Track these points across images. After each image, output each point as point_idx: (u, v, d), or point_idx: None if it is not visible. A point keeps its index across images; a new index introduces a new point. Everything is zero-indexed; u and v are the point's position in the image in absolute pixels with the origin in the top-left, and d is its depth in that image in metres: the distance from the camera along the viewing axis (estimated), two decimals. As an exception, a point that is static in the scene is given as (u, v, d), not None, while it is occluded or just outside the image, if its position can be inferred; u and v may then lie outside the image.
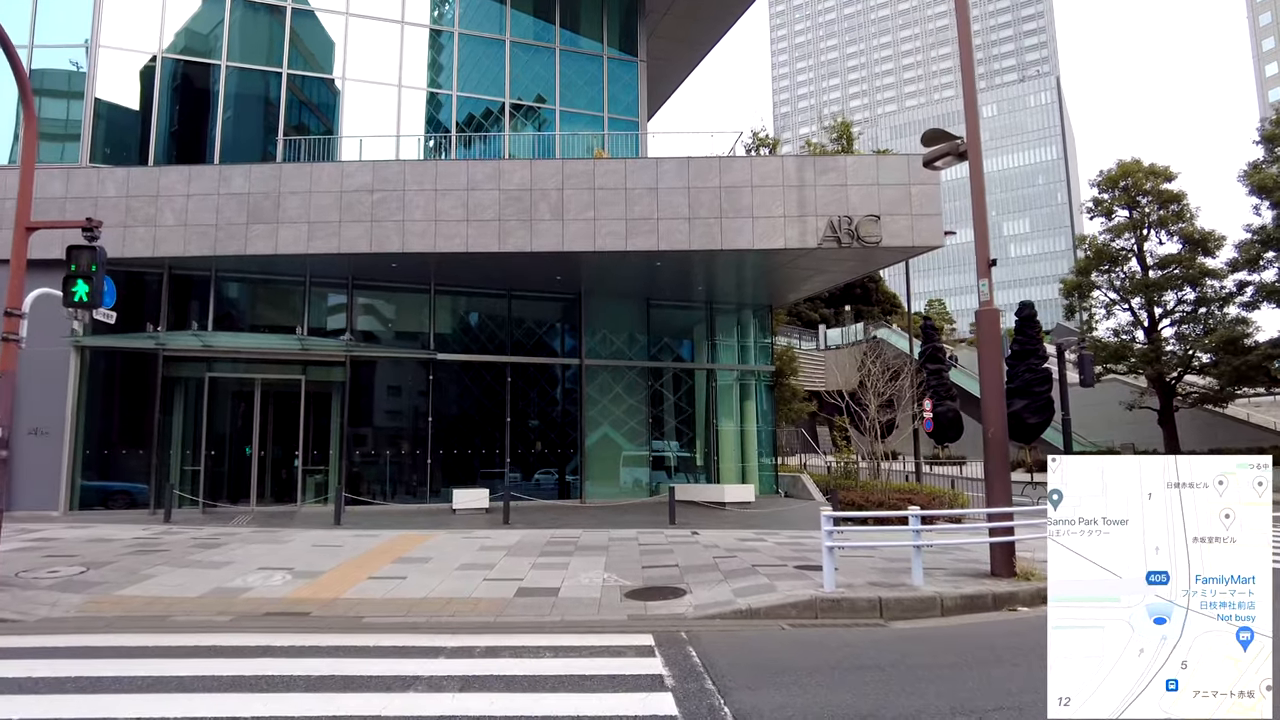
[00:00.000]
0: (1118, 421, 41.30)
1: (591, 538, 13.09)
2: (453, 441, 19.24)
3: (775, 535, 13.61)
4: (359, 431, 18.70)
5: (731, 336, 22.43)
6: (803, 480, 21.53)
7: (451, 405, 19.62)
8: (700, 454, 21.85)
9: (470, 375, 19.62)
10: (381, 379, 19.41)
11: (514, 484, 19.16)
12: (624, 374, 20.76)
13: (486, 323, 20.27)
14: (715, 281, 19.46)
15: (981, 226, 9.92)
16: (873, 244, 15.79)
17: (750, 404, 22.09)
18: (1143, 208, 34.00)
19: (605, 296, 20.38)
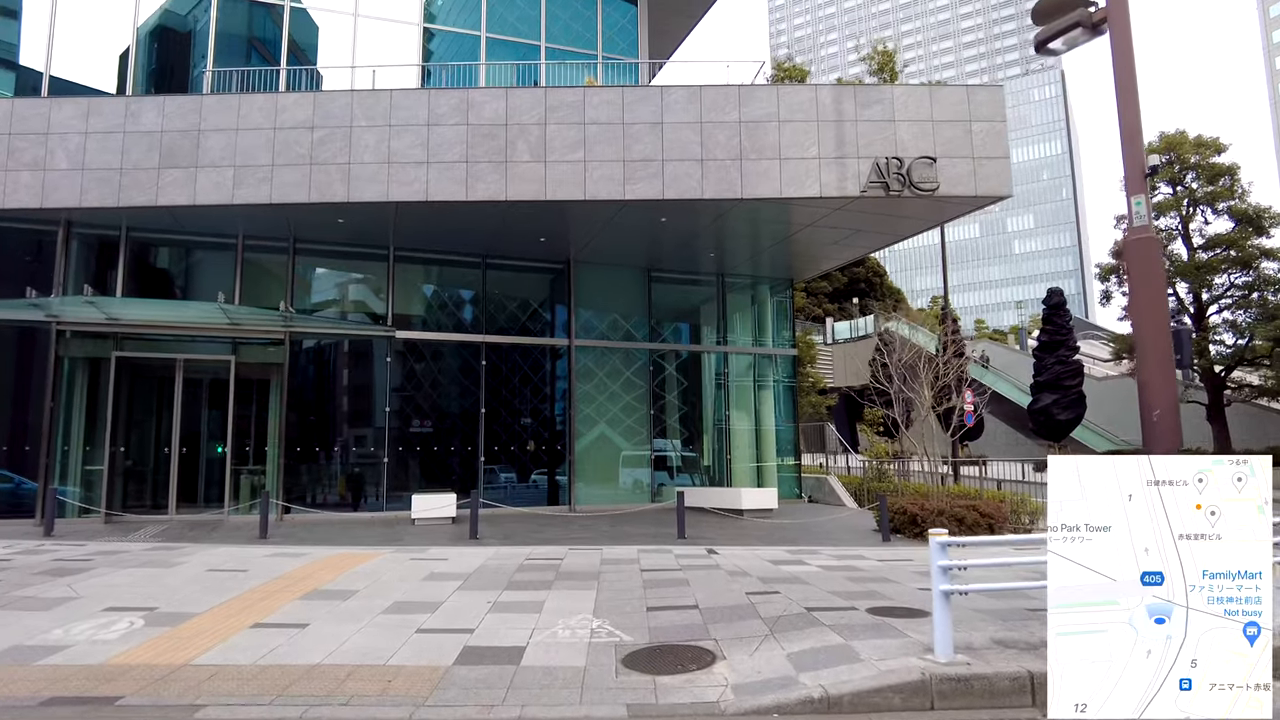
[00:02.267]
0: (1151, 418, 38.32)
1: (579, 560, 10.10)
2: (416, 437, 16.23)
3: (816, 554, 10.65)
4: (302, 424, 15.65)
5: (747, 316, 19.47)
6: (829, 483, 18.56)
7: (415, 394, 16.60)
8: (709, 452, 18.87)
9: (438, 358, 16.63)
10: (330, 362, 16.42)
11: (491, 488, 16.17)
12: (621, 358, 17.76)
13: (458, 297, 17.29)
14: (730, 246, 16.48)
15: (1132, 119, 6.96)
16: (928, 191, 12.83)
17: (767, 394, 19.11)
18: (1188, 183, 31.06)
19: (599, 266, 17.40)
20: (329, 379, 16.55)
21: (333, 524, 13.93)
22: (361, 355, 16.48)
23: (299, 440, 15.47)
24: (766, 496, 15.37)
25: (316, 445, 15.79)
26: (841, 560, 10.12)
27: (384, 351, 15.89)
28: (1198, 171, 30.91)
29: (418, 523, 13.85)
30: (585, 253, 16.65)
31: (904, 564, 9.84)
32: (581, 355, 17.26)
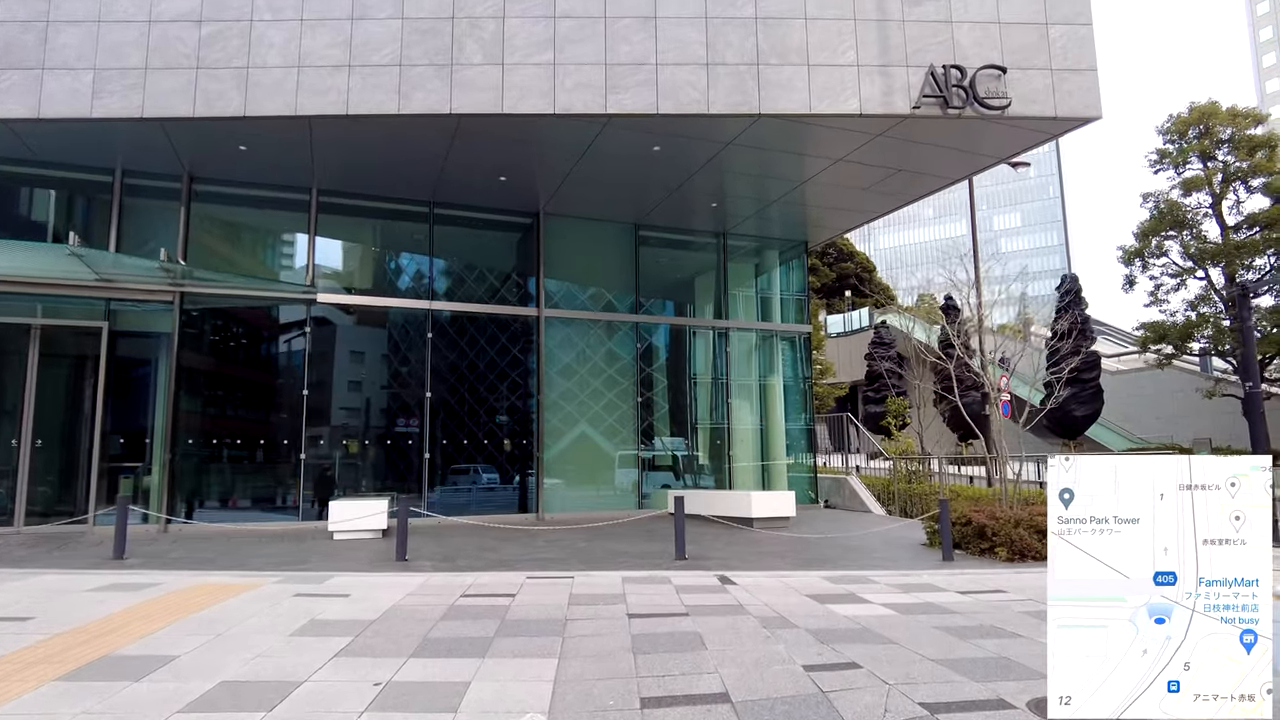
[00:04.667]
0: (1170, 414, 36.15)
1: (539, 596, 7.11)
2: (345, 428, 13.14)
3: (868, 583, 7.80)
4: (196, 411, 12.49)
5: (752, 286, 16.52)
6: (850, 485, 15.66)
7: (343, 373, 13.54)
8: (708, 449, 15.90)
9: (372, 330, 13.59)
10: (233, 331, 13.28)
11: (442, 491, 13.12)
12: (602, 334, 14.81)
13: (398, 254, 14.25)
14: (736, 192, 13.60)
15: None
16: (998, 109, 10.00)
17: (776, 380, 16.19)
18: (1221, 158, 28.56)
19: (576, 220, 14.45)
20: (233, 355, 13.42)
21: (227, 539, 10.84)
22: (275, 325, 13.38)
23: (193, 432, 12.37)
24: (783, 502, 12.44)
25: (215, 438, 12.68)
26: (910, 594, 7.19)
27: (303, 320, 12.76)
28: (1232, 145, 28.36)
29: (337, 537, 10.80)
30: (558, 201, 13.65)
31: (998, 598, 7.02)
32: (553, 330, 14.26)
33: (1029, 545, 9.37)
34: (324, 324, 13.33)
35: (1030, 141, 11.16)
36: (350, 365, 13.74)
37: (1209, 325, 28.14)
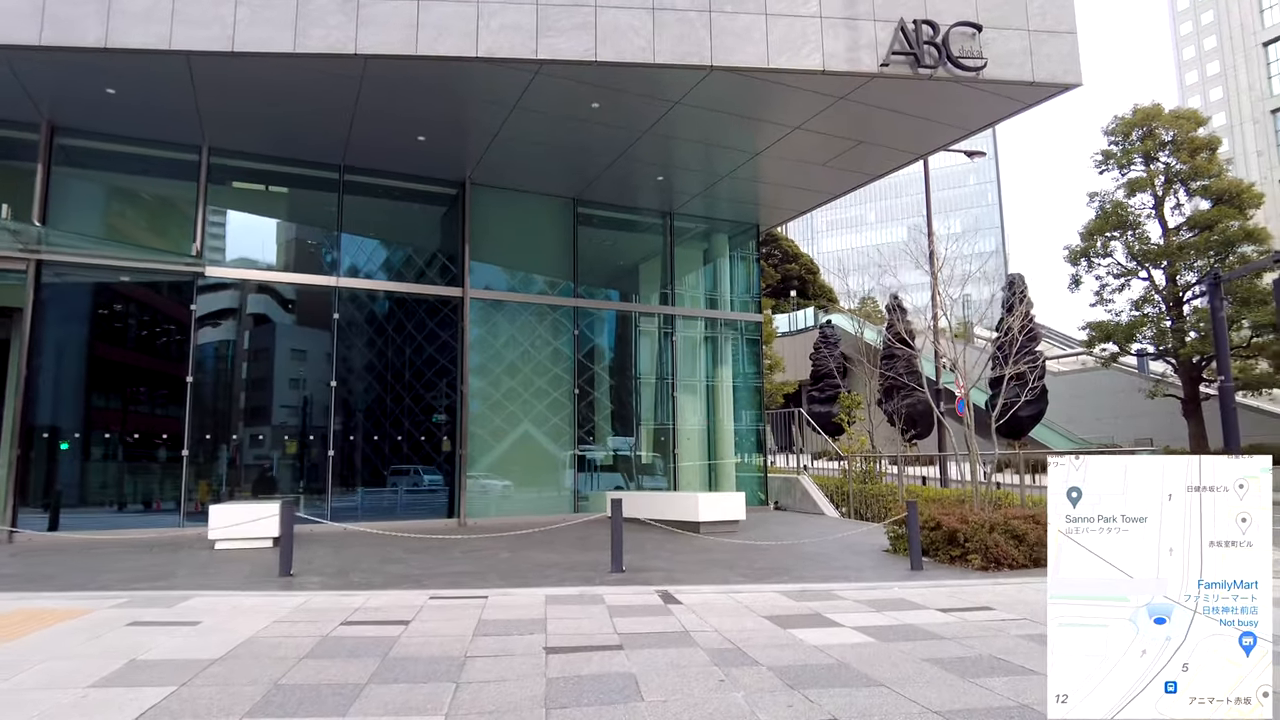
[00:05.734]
0: (1110, 414, 36.53)
1: (438, 623, 5.85)
2: (238, 421, 11.55)
3: (834, 600, 6.75)
4: (57, 399, 10.77)
5: (699, 271, 15.38)
6: (802, 485, 14.68)
7: (234, 358, 11.94)
8: (651, 447, 14.73)
9: (272, 309, 11.98)
10: (108, 309, 11.58)
11: (353, 493, 11.66)
12: (534, 319, 13.52)
13: (302, 223, 12.64)
14: (685, 163, 12.47)
15: None
16: (972, 70, 9.07)
17: (726, 372, 15.08)
18: (1163, 159, 28.70)
19: (507, 193, 13.13)
20: (106, 336, 11.70)
21: (86, 550, 9.24)
22: (153, 301, 11.69)
23: (53, 422, 10.61)
24: (732, 504, 11.35)
25: (82, 431, 10.94)
26: (885, 613, 6.13)
27: (188, 296, 11.13)
28: (1174, 146, 28.53)
29: (220, 546, 9.29)
30: (486, 168, 12.31)
31: (987, 618, 6.08)
32: (480, 314, 12.92)
33: (1005, 552, 8.45)
34: (216, 302, 11.73)
35: (1004, 111, 10.29)
36: (246, 350, 12.17)
37: (1151, 325, 28.24)
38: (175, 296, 11.27)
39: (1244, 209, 27.56)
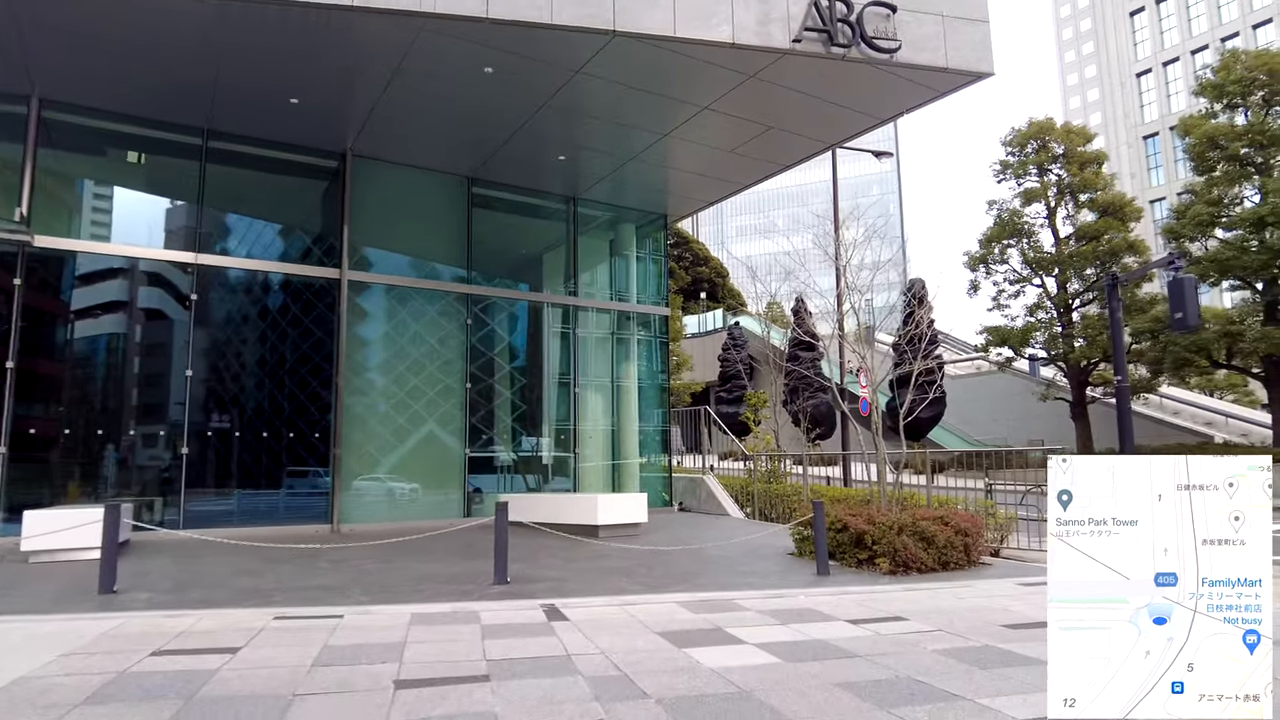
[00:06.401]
0: (1004, 416, 37.89)
1: (274, 650, 5.00)
2: (73, 412, 10.13)
3: (737, 611, 6.20)
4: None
5: (605, 261, 14.68)
6: (707, 485, 14.18)
7: (80, 341, 10.49)
8: (550, 446, 13.93)
9: (117, 289, 10.60)
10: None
11: (212, 497, 10.41)
12: (422, 306, 12.53)
13: (157, 191, 11.27)
14: (588, 142, 11.74)
15: None
16: (886, 52, 8.72)
17: (631, 368, 14.43)
18: (1056, 172, 29.90)
19: (393, 167, 12.14)
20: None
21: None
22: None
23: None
24: (633, 506, 10.69)
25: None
26: (791, 626, 5.57)
27: (11, 268, 9.62)
28: (1065, 159, 29.75)
29: (36, 559, 7.96)
30: (371, 139, 11.26)
31: (901, 630, 5.63)
32: (361, 299, 11.82)
33: (914, 555, 8.09)
34: (49, 278, 10.23)
35: (916, 99, 10.01)
36: (87, 331, 10.69)
37: (1044, 330, 29.31)
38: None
39: (1126, 221, 28.97)
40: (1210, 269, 23.26)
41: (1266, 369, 23.90)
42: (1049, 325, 29.24)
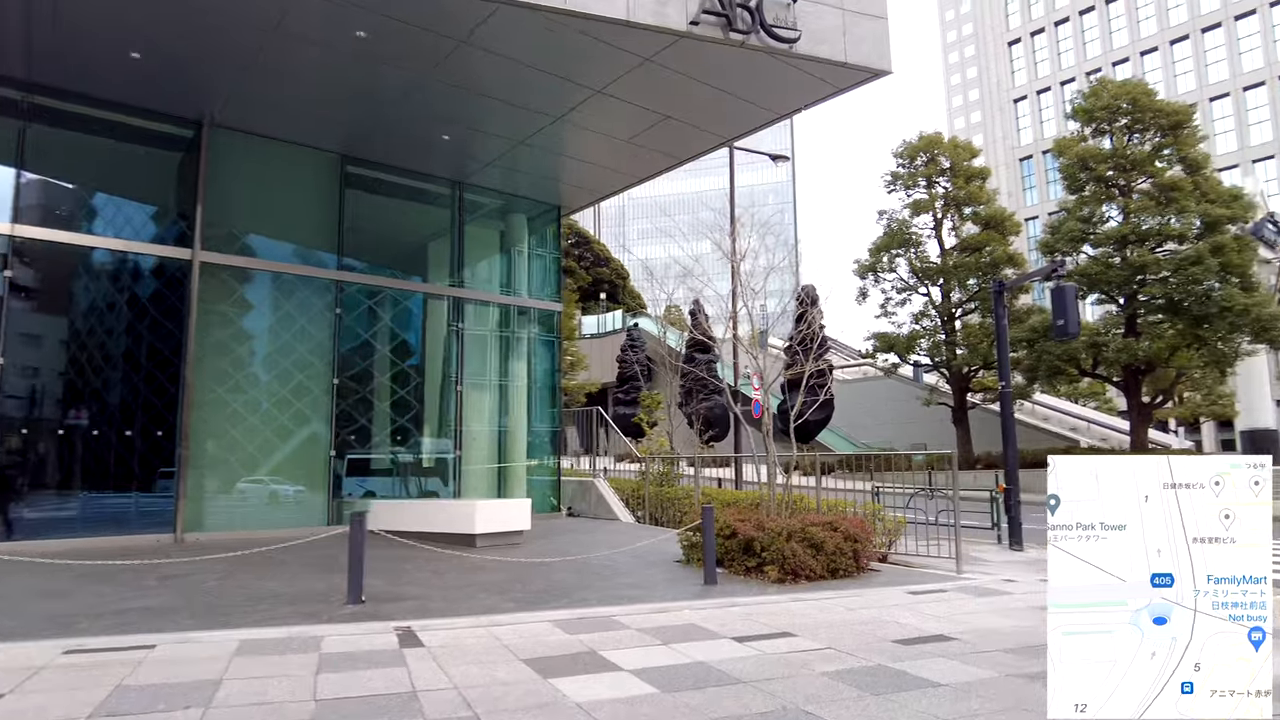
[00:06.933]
0: (889, 420, 39.19)
1: (44, 698, 4.30)
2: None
3: (615, 630, 5.76)
4: None
5: (495, 253, 13.93)
6: (597, 489, 13.68)
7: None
8: (432, 448, 13.06)
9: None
10: None
11: (34, 503, 9.12)
12: (287, 294, 11.46)
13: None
14: (474, 122, 11.01)
15: None
16: (785, 41, 8.47)
17: (521, 366, 13.74)
18: (943, 185, 31.04)
19: (259, 141, 11.07)
20: None
21: None
22: None
23: None
24: (515, 513, 10.03)
25: None
26: (673, 647, 5.11)
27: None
28: (952, 173, 30.92)
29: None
30: (234, 108, 10.18)
31: (788, 648, 5.29)
32: (215, 283, 10.68)
33: (803, 563, 7.81)
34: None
35: (815, 95, 9.80)
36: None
37: (928, 338, 30.34)
38: None
39: (1006, 235, 30.37)
40: (1080, 283, 24.56)
41: (1126, 378, 25.47)
42: (933, 333, 30.30)
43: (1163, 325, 24.47)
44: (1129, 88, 26.25)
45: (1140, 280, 24.15)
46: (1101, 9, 64.39)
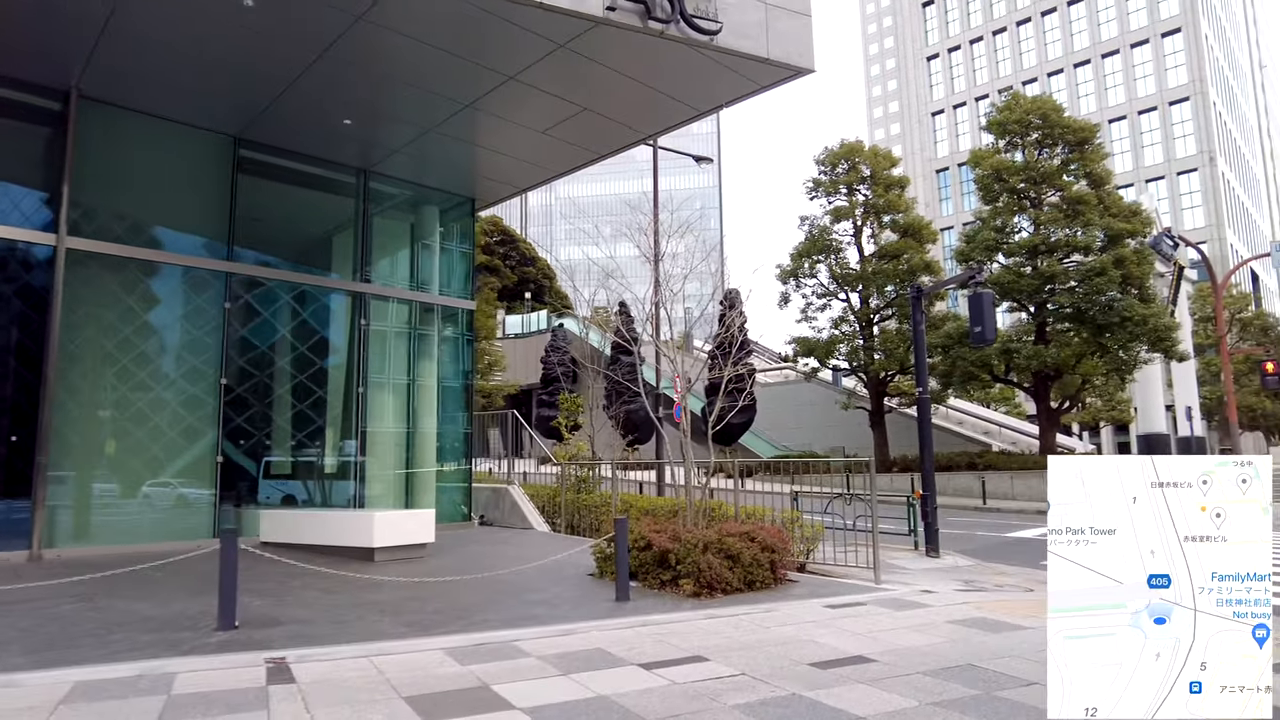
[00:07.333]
0: (809, 424, 39.75)
1: None
2: None
3: (513, 658, 5.36)
4: None
5: (404, 247, 13.22)
6: (511, 496, 13.14)
7: None
8: (333, 452, 12.27)
9: None
10: None
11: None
12: (168, 284, 10.48)
13: None
14: (378, 105, 10.31)
15: None
16: (706, 34, 8.16)
17: (430, 367, 13.05)
18: (863, 192, 31.56)
19: (136, 115, 10.05)
20: None
21: None
22: None
23: None
24: (417, 524, 9.42)
25: None
26: (575, 678, 4.70)
27: None
28: (872, 181, 31.46)
29: None
30: (102, 77, 9.27)
31: (700, 676, 4.96)
32: (85, 274, 9.70)
33: (719, 575, 7.50)
34: None
35: (737, 91, 9.53)
36: None
37: (847, 343, 30.78)
38: None
39: (923, 243, 31.08)
40: (993, 291, 25.26)
41: (1036, 384, 26.34)
42: (852, 338, 30.74)
43: (1070, 333, 25.40)
44: (1040, 103, 27.20)
45: (1050, 289, 25.01)
46: (1013, 30, 67.26)
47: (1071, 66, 62.60)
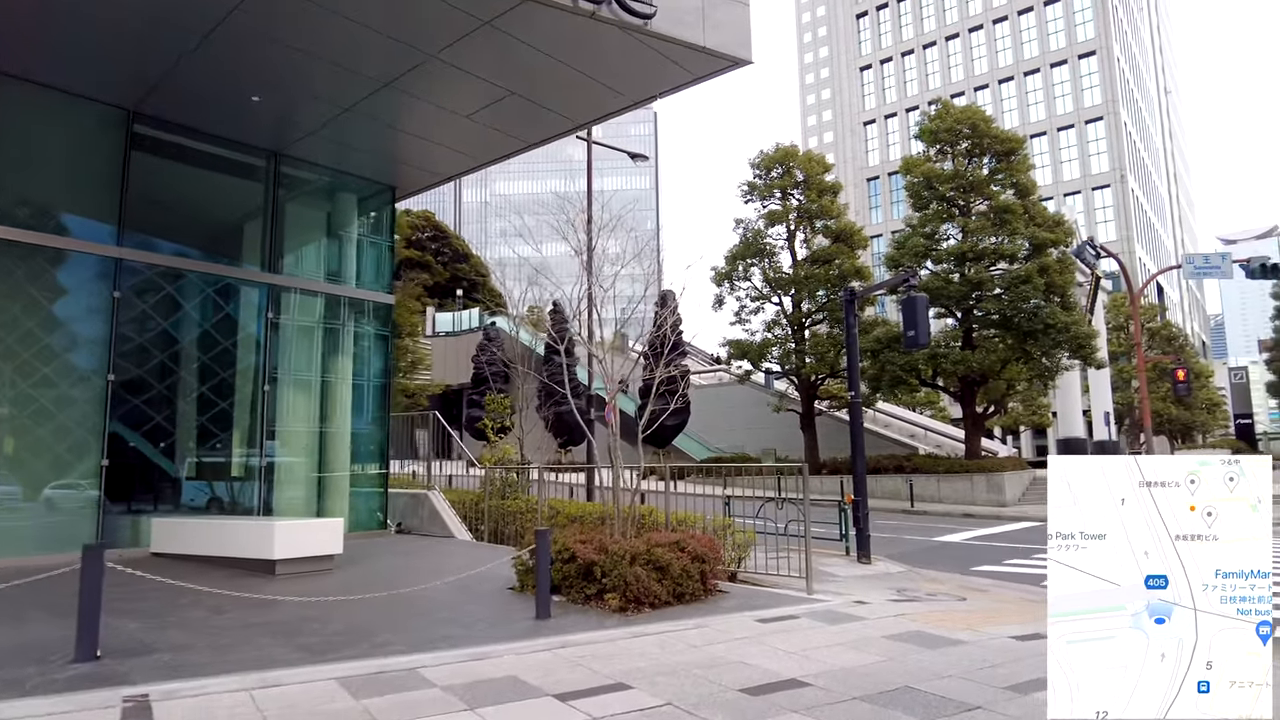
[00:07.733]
0: (742, 425, 39.86)
1: None
2: None
3: (419, 683, 4.77)
4: None
5: (318, 234, 12.41)
6: (431, 502, 12.48)
7: None
8: (237, 454, 11.41)
9: None
10: None
11: None
12: (48, 267, 9.50)
13: None
14: (288, 81, 9.52)
15: None
16: (641, 17, 7.77)
17: (345, 362, 12.28)
18: (796, 198, 31.72)
19: (13, 80, 8.98)
20: None
21: None
22: None
23: None
24: (325, 534, 8.71)
25: None
26: (479, 712, 4.25)
27: None
28: (806, 186, 31.64)
29: None
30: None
31: (616, 706, 4.40)
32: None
33: (646, 589, 7.10)
34: None
35: (672, 81, 9.15)
36: None
37: (780, 346, 30.86)
38: None
39: (855, 249, 31.42)
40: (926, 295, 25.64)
41: (962, 389, 26.83)
42: (784, 342, 30.83)
43: (995, 339, 25.95)
44: (970, 113, 27.77)
45: (977, 296, 25.50)
46: (942, 45, 69.16)
47: (996, 82, 64.70)
